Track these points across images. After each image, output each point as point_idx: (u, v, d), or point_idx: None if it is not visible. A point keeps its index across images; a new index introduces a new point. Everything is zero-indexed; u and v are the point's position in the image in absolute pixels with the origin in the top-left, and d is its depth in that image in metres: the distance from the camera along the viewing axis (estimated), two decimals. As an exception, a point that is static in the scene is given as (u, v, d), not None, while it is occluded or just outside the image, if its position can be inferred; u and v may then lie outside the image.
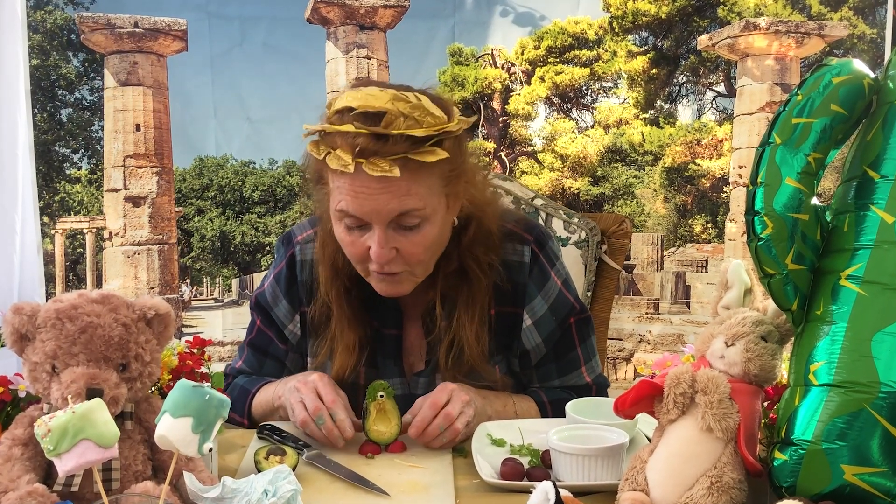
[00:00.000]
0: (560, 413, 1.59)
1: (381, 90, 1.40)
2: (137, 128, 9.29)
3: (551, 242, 1.75)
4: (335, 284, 1.64)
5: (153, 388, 1.33)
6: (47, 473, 1.14)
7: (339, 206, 1.46)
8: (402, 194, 1.43)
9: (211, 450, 1.07)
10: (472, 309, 1.63)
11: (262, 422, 1.63)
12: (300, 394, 1.52)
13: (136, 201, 9.49)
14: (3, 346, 1.20)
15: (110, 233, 9.49)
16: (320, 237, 1.66)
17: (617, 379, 8.86)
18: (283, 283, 1.73)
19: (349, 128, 1.38)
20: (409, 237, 1.49)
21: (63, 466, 1.01)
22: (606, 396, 1.80)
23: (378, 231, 1.45)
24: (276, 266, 1.74)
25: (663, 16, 10.37)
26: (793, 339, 1.20)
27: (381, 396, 1.49)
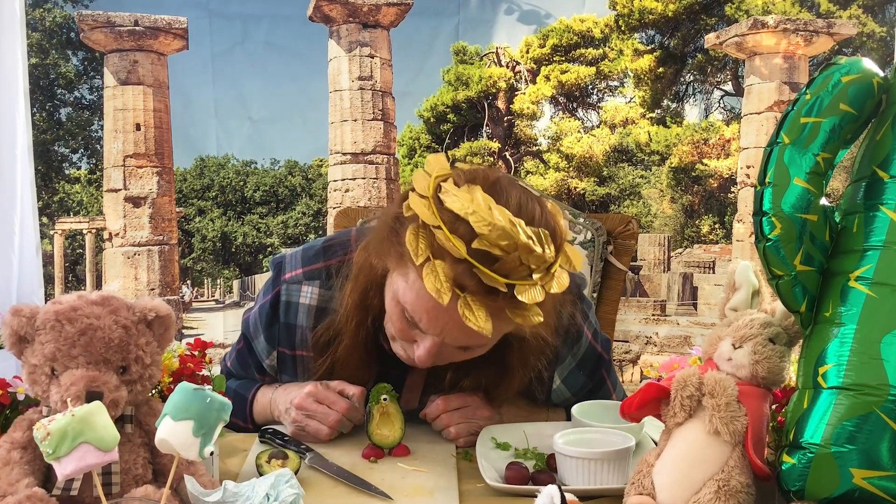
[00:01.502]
0: None
1: (512, 225, 1.23)
2: (137, 127, 9.26)
3: (583, 291, 1.68)
4: (356, 317, 1.52)
5: (153, 391, 1.31)
6: (46, 477, 1.12)
7: (407, 308, 1.33)
8: (475, 333, 1.26)
9: (212, 453, 1.06)
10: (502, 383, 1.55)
11: (264, 425, 1.61)
12: (303, 411, 1.50)
13: (136, 202, 9.46)
14: (1, 348, 1.19)
15: (110, 233, 9.47)
16: (356, 267, 1.50)
17: (623, 382, 8.85)
18: (264, 320, 1.66)
19: (462, 252, 1.22)
20: (459, 353, 1.40)
21: (62, 470, 0.99)
22: None
23: (431, 342, 1.35)
24: (265, 295, 1.67)
25: (670, 14, 10.36)
26: (801, 341, 1.18)
27: (385, 400, 1.47)
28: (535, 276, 1.26)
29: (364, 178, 9.82)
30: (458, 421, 1.52)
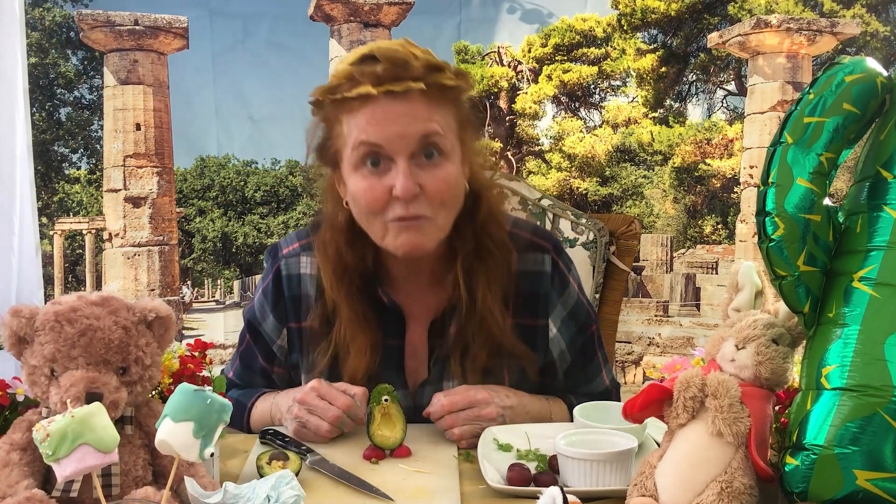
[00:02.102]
0: None
1: (391, 41, 1.49)
2: (138, 127, 9.25)
3: (564, 249, 1.75)
4: (343, 284, 1.60)
5: (154, 392, 1.31)
6: (46, 479, 1.12)
7: (360, 139, 1.45)
8: (424, 118, 1.44)
9: (212, 455, 1.05)
10: (493, 287, 1.60)
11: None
12: (305, 406, 1.51)
13: (136, 202, 9.46)
14: (1, 349, 1.18)
15: (110, 234, 9.46)
16: (321, 238, 1.63)
17: (626, 382, 8.83)
18: (270, 299, 1.70)
19: (366, 67, 1.43)
20: (433, 172, 1.47)
21: (62, 472, 1.00)
22: (619, 398, 1.79)
23: (402, 162, 1.44)
24: (264, 280, 1.73)
25: (673, 13, 10.32)
26: (804, 342, 1.18)
27: (386, 400, 1.47)
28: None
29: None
30: (463, 423, 1.51)
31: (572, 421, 1.63)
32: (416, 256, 1.54)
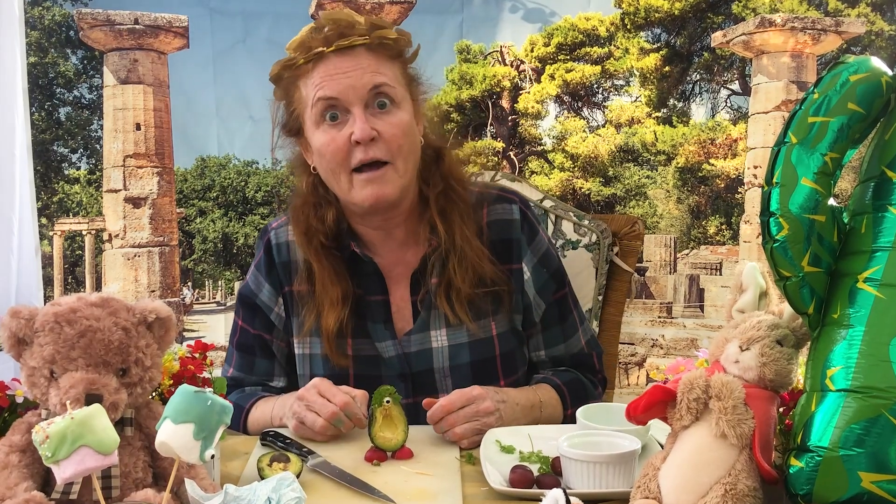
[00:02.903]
0: (576, 393, 1.69)
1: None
2: (138, 127, 9.23)
3: (529, 205, 1.86)
4: (313, 243, 1.71)
5: (154, 394, 1.31)
6: (45, 481, 1.12)
7: (317, 95, 1.59)
8: (373, 70, 1.59)
9: (213, 457, 1.05)
10: (467, 224, 1.71)
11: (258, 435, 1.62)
12: (304, 402, 1.54)
13: (136, 202, 9.44)
14: (0, 350, 1.18)
15: (110, 234, 9.44)
16: (293, 206, 1.76)
17: (629, 384, 8.81)
18: (264, 268, 1.79)
19: (318, 31, 1.60)
20: (386, 119, 1.60)
21: (62, 474, 0.99)
22: (602, 366, 1.87)
23: (357, 111, 1.58)
24: (256, 258, 1.83)
25: (676, 12, 10.28)
26: (809, 343, 1.17)
27: (388, 402, 1.46)
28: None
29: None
30: (463, 420, 1.52)
31: (560, 401, 1.66)
32: (381, 207, 1.64)
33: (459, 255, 1.69)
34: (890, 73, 1.15)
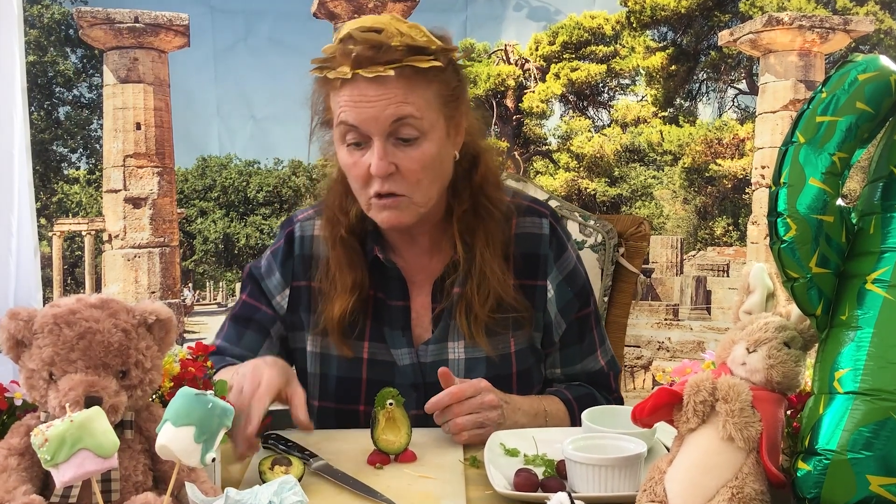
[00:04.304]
0: (587, 408, 1.64)
1: (381, 14, 1.55)
2: (138, 126, 9.20)
3: (557, 214, 1.84)
4: (334, 229, 1.71)
5: (154, 396, 1.30)
6: (44, 484, 1.12)
7: (341, 118, 1.55)
8: (399, 101, 1.51)
9: (214, 460, 1.05)
10: (492, 244, 1.68)
11: None
12: (242, 379, 1.43)
13: (136, 202, 9.42)
14: (-1, 352, 1.17)
15: (109, 235, 9.42)
16: (326, 184, 1.76)
17: (635, 387, 8.77)
18: (280, 257, 1.78)
19: (349, 46, 1.50)
20: (408, 152, 1.55)
21: (61, 477, 0.99)
22: (618, 386, 1.86)
23: (377, 143, 1.53)
24: (274, 245, 1.82)
25: (683, 10, 10.24)
26: (817, 345, 1.16)
27: (391, 404, 1.45)
28: (421, 42, 1.50)
29: (369, 179, 9.79)
30: (467, 411, 1.53)
31: (568, 415, 1.65)
32: (398, 230, 1.65)
33: (479, 278, 1.66)
34: (899, 71, 1.14)
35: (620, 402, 1.84)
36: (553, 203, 2.21)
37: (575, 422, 1.69)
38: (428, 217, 1.67)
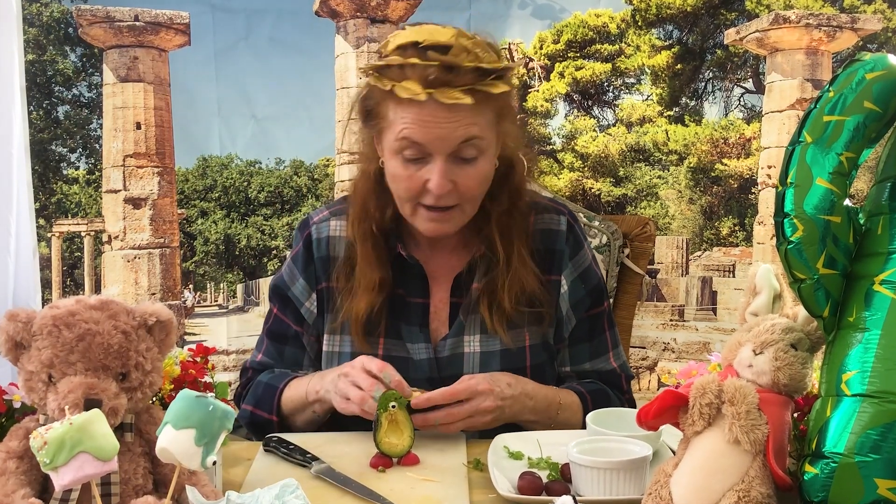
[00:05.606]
0: (600, 404, 1.65)
1: (443, 26, 1.53)
2: (138, 126, 9.18)
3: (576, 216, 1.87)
4: (363, 225, 1.71)
5: (154, 399, 1.29)
6: (43, 487, 1.12)
7: (403, 134, 1.54)
8: (468, 123, 1.52)
9: (214, 463, 1.04)
10: (524, 241, 1.72)
11: (292, 417, 1.69)
12: (349, 378, 1.53)
13: (136, 203, 9.40)
14: (-3, 354, 1.16)
15: (109, 236, 9.40)
16: (354, 184, 1.76)
17: (640, 389, 8.76)
18: (301, 262, 1.79)
19: (417, 60, 1.48)
20: (467, 170, 1.57)
21: (60, 480, 0.99)
22: (630, 388, 1.85)
23: (439, 161, 1.54)
24: (294, 249, 1.83)
25: (689, 9, 10.21)
26: (824, 346, 1.16)
27: (393, 407, 1.44)
28: (486, 62, 1.50)
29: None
30: (464, 416, 1.52)
31: (582, 409, 1.65)
32: (439, 238, 1.68)
33: (512, 275, 1.68)
34: (907, 70, 1.13)
35: (633, 403, 1.84)
36: (558, 203, 2.21)
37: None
38: None
